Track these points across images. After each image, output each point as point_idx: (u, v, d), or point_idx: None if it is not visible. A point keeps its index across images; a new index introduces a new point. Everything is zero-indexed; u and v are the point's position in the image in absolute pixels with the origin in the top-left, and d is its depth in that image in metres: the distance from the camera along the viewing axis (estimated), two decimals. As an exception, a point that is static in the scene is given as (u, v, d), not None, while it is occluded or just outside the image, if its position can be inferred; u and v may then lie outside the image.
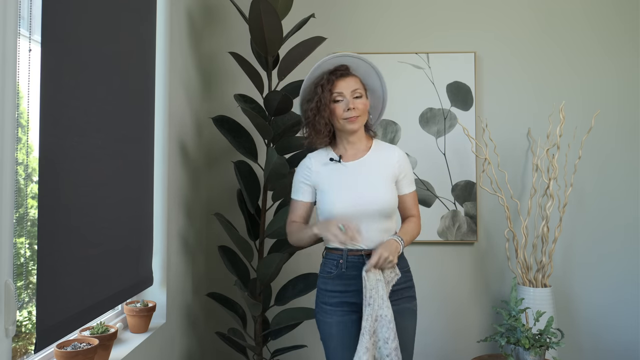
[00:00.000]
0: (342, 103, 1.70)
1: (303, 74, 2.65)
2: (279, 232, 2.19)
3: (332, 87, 1.70)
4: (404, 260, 1.77)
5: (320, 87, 1.71)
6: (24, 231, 1.25)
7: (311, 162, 1.79)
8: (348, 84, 1.71)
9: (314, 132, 1.75)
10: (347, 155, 1.77)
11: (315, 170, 1.77)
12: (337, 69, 1.73)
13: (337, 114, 1.70)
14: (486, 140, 2.73)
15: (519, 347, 2.09)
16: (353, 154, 1.77)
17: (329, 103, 1.70)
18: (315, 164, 1.78)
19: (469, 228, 2.73)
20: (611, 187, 2.74)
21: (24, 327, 1.30)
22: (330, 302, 1.70)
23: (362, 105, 1.71)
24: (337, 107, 1.70)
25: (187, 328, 2.40)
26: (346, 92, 1.70)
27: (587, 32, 2.77)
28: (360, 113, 1.70)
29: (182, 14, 2.34)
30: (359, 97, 1.71)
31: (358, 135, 1.76)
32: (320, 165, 1.77)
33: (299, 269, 2.61)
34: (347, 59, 1.76)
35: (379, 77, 1.79)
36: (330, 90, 1.70)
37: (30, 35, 1.24)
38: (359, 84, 1.73)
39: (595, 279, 2.73)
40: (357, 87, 1.72)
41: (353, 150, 1.77)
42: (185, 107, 2.38)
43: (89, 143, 1.40)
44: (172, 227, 2.16)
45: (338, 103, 1.70)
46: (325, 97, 1.70)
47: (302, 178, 1.79)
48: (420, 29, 2.80)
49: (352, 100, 1.70)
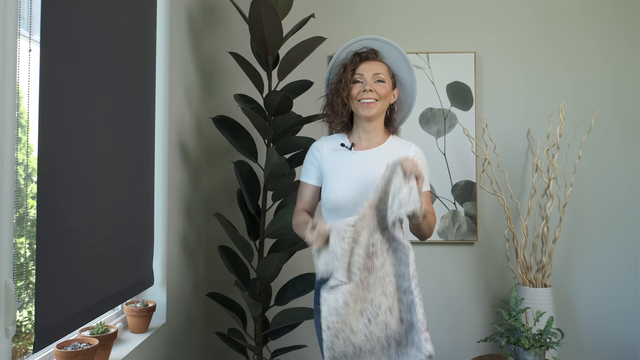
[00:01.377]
0: (360, 84, 1.62)
1: (303, 74, 2.66)
2: (279, 232, 2.19)
3: (355, 67, 1.63)
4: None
5: (343, 67, 1.65)
6: (24, 231, 1.25)
7: (322, 144, 1.71)
8: (372, 67, 1.62)
9: (331, 112, 1.68)
10: (360, 144, 1.67)
11: (323, 154, 1.69)
12: (364, 51, 1.66)
13: (352, 94, 1.62)
14: (486, 140, 2.73)
15: (519, 347, 2.09)
16: (366, 144, 1.67)
17: (349, 83, 1.62)
18: (324, 148, 1.70)
19: (469, 228, 2.73)
20: (611, 187, 2.74)
21: (23, 327, 1.30)
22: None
23: (383, 90, 1.61)
24: (354, 87, 1.62)
25: (187, 328, 2.40)
26: (367, 74, 1.61)
27: (587, 32, 2.77)
28: (378, 97, 1.60)
29: (182, 14, 2.34)
30: (380, 82, 1.61)
31: (375, 125, 1.67)
32: (329, 150, 1.69)
33: (299, 269, 2.61)
34: (377, 43, 1.67)
35: (408, 67, 1.68)
36: (352, 70, 1.63)
37: (30, 35, 1.24)
38: (384, 70, 1.64)
39: (595, 279, 2.73)
40: (380, 72, 1.62)
41: (367, 141, 1.67)
42: (185, 107, 2.38)
43: (89, 143, 1.40)
44: (172, 227, 2.16)
45: (357, 84, 1.62)
46: (346, 77, 1.62)
47: (311, 158, 1.72)
48: (420, 28, 2.80)
49: (372, 83, 1.60)
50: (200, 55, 2.67)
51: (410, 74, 1.68)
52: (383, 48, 1.67)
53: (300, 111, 2.57)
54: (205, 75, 2.75)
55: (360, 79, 1.62)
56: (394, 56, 1.67)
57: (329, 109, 1.69)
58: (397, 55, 1.67)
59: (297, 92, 2.34)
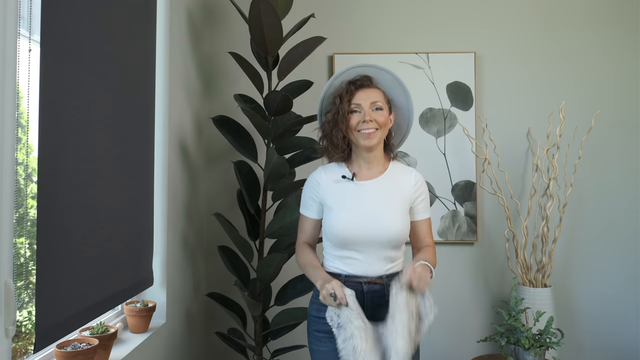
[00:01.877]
0: (359, 114, 1.56)
1: (303, 74, 2.66)
2: (279, 232, 2.19)
3: (350, 97, 1.57)
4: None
5: (338, 98, 1.59)
6: (24, 231, 1.25)
7: (321, 176, 1.65)
8: (368, 95, 1.57)
9: (331, 146, 1.61)
10: (362, 174, 1.62)
11: (324, 186, 1.63)
12: (357, 79, 1.61)
13: (352, 125, 1.56)
14: (486, 140, 2.73)
15: (519, 347, 2.09)
16: (367, 174, 1.62)
17: (347, 114, 1.57)
18: (325, 180, 1.64)
19: (469, 228, 2.73)
20: (611, 187, 2.74)
21: (24, 327, 1.30)
22: (324, 330, 1.53)
23: (382, 118, 1.56)
24: (352, 117, 1.56)
25: (187, 328, 2.40)
26: (364, 103, 1.56)
27: (587, 32, 2.77)
28: (378, 126, 1.56)
29: (182, 14, 2.34)
30: (378, 110, 1.57)
31: (375, 154, 1.62)
32: (330, 181, 1.63)
33: (299, 269, 2.60)
34: (370, 70, 1.63)
35: (404, 91, 1.64)
36: (348, 100, 1.57)
37: (30, 35, 1.24)
38: (380, 97, 1.59)
39: (595, 279, 2.73)
40: (377, 100, 1.57)
41: (368, 170, 1.62)
42: (185, 107, 2.38)
43: (89, 143, 1.40)
44: (172, 227, 2.16)
45: (354, 114, 1.57)
46: (343, 108, 1.56)
47: (310, 193, 1.66)
48: (420, 28, 2.80)
49: (370, 112, 1.55)
50: (200, 55, 2.67)
51: (407, 97, 1.64)
52: (377, 74, 1.64)
53: (300, 111, 2.57)
54: (205, 75, 2.75)
55: (357, 109, 1.57)
56: (389, 81, 1.64)
57: (328, 143, 1.63)
58: (392, 80, 1.64)
59: (297, 92, 2.34)
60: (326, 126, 1.62)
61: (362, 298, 1.53)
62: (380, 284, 1.57)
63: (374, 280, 1.56)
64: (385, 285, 1.57)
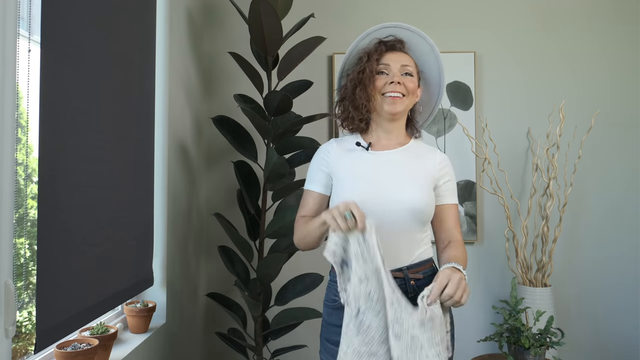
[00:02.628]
0: (386, 76, 1.40)
1: (303, 74, 2.67)
2: (279, 232, 2.19)
3: (380, 56, 1.41)
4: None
5: (366, 55, 1.42)
6: (24, 231, 1.25)
7: (332, 145, 1.47)
8: (399, 57, 1.41)
9: (352, 108, 1.42)
10: (379, 144, 1.44)
11: (335, 155, 1.44)
12: (389, 40, 1.45)
13: (377, 86, 1.39)
14: (486, 140, 2.73)
15: (519, 346, 2.09)
16: (386, 144, 1.44)
17: (374, 74, 1.40)
18: (336, 148, 1.45)
19: (469, 228, 2.73)
20: (611, 187, 2.74)
21: (24, 327, 1.30)
22: (336, 340, 1.28)
23: (412, 84, 1.40)
24: (379, 78, 1.40)
25: (187, 328, 2.40)
26: (394, 65, 1.40)
27: (587, 32, 2.77)
28: (405, 92, 1.39)
29: (182, 14, 2.34)
30: (408, 75, 1.41)
31: (398, 125, 1.44)
32: (343, 150, 1.44)
33: (299, 269, 2.61)
34: (405, 32, 1.46)
35: (438, 63, 1.47)
36: (377, 60, 1.40)
37: (30, 35, 1.24)
38: (412, 63, 1.43)
39: (595, 278, 2.73)
40: (408, 64, 1.41)
41: (387, 141, 1.44)
42: (185, 107, 2.38)
43: (89, 143, 1.40)
44: (172, 227, 2.16)
45: (382, 75, 1.40)
46: (371, 66, 1.40)
47: (319, 164, 1.46)
48: (420, 28, 2.78)
49: (399, 75, 1.39)
50: (200, 55, 2.67)
51: (440, 71, 1.47)
52: (411, 39, 1.47)
53: (300, 111, 2.57)
54: (205, 75, 2.75)
55: (385, 70, 1.40)
56: (423, 49, 1.47)
57: (349, 104, 1.43)
58: (427, 49, 1.47)
59: (297, 92, 2.34)
60: (349, 85, 1.43)
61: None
62: (400, 278, 1.34)
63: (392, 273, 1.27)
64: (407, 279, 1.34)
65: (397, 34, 1.46)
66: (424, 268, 1.39)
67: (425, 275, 1.38)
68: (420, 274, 1.37)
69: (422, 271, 1.38)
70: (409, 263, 1.36)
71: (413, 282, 1.35)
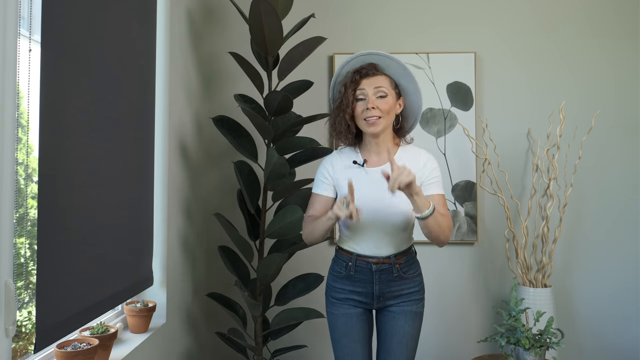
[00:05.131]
0: (364, 102, 1.62)
1: (303, 74, 2.66)
2: (279, 232, 2.19)
3: (355, 86, 1.63)
4: (415, 264, 1.76)
5: (344, 86, 1.65)
6: (24, 231, 1.25)
7: (335, 161, 1.74)
8: (372, 81, 1.62)
9: (334, 133, 1.69)
10: (371, 160, 1.70)
11: (336, 170, 1.72)
12: (362, 68, 1.65)
13: (357, 113, 1.63)
14: (486, 140, 2.73)
15: (519, 347, 2.09)
16: (377, 160, 1.69)
17: (351, 103, 1.62)
18: (337, 164, 1.73)
19: (469, 228, 2.73)
20: (611, 187, 2.74)
21: (24, 327, 1.30)
22: (338, 297, 1.73)
23: (386, 105, 1.61)
24: (358, 105, 1.62)
25: (187, 328, 2.40)
26: (368, 89, 1.61)
27: (587, 33, 2.77)
28: (381, 114, 1.61)
29: (182, 14, 2.34)
30: (382, 97, 1.61)
31: (383, 139, 1.68)
32: (342, 167, 1.71)
33: (299, 269, 2.61)
34: (375, 57, 1.66)
35: (409, 76, 1.66)
36: (353, 90, 1.62)
37: (30, 35, 1.24)
38: (385, 83, 1.63)
39: (595, 279, 2.73)
40: (381, 86, 1.62)
41: (377, 156, 1.70)
42: (185, 108, 2.38)
43: (89, 143, 1.40)
44: (172, 227, 2.16)
45: (360, 102, 1.62)
46: (347, 97, 1.62)
47: (323, 176, 1.74)
48: (421, 28, 2.79)
49: (374, 99, 1.60)
50: (200, 55, 2.67)
51: (413, 83, 1.67)
52: (381, 61, 1.66)
53: (300, 111, 2.57)
54: (205, 76, 2.75)
55: (362, 95, 1.62)
56: (394, 67, 1.66)
57: (332, 130, 1.70)
58: (397, 66, 1.65)
59: (297, 92, 2.34)
60: (333, 114, 1.69)
61: (371, 276, 1.68)
62: (388, 263, 1.69)
63: (383, 260, 1.68)
64: (393, 264, 1.69)
65: (368, 61, 1.67)
66: (406, 254, 1.73)
67: (406, 260, 1.72)
68: (403, 260, 1.72)
69: (405, 257, 1.72)
70: (395, 252, 1.70)
71: (398, 265, 1.70)
